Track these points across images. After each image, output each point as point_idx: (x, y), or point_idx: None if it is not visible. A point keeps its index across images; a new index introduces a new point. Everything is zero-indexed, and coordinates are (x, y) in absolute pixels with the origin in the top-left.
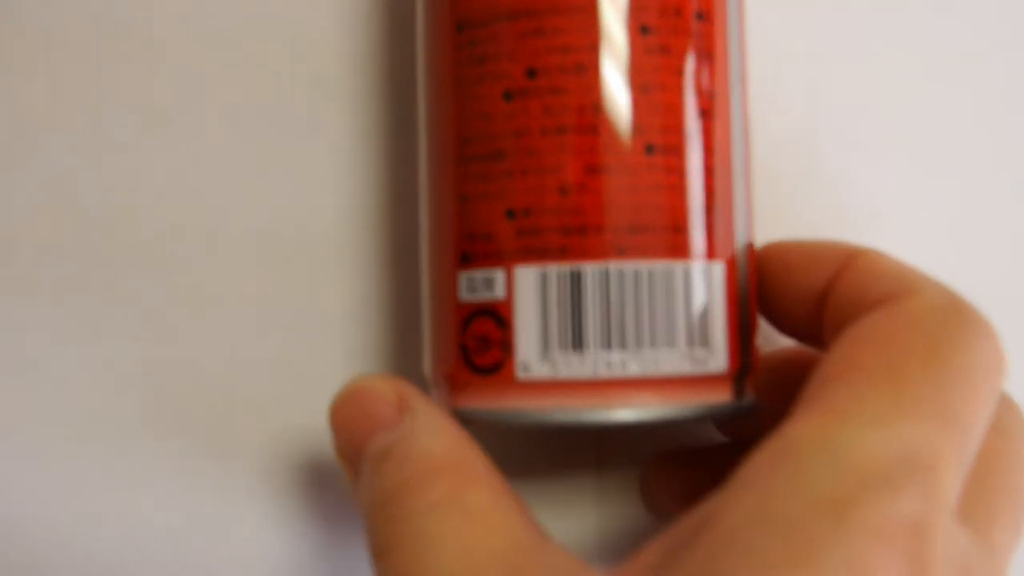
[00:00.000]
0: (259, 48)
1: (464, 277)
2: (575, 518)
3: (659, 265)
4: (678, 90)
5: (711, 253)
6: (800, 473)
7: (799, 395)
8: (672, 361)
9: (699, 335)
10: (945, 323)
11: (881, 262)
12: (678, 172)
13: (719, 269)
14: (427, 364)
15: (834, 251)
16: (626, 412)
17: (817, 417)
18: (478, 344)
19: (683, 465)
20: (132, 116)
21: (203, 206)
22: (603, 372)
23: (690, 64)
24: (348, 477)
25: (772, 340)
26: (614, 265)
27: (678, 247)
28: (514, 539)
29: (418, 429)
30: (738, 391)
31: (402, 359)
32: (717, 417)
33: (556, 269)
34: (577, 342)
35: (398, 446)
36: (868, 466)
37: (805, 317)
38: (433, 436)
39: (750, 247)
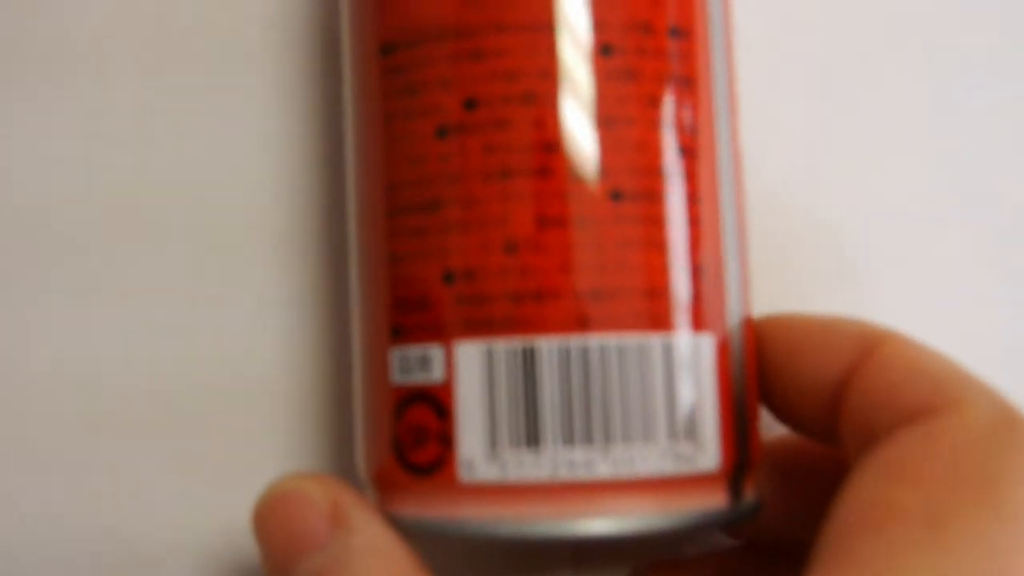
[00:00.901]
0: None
1: (396, 355)
2: None
3: (631, 339)
4: (650, 124)
5: (698, 323)
6: None
7: (816, 542)
8: (651, 459)
9: (684, 426)
10: (999, 450)
11: (910, 355)
12: (653, 223)
13: (708, 343)
14: (359, 459)
15: (851, 334)
16: (594, 523)
17: None
18: (413, 437)
19: (681, 574)
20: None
21: None
22: (564, 474)
23: (665, 92)
24: None
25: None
26: (576, 340)
27: (655, 316)
28: None
29: (352, 552)
30: (735, 492)
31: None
32: (709, 526)
33: (504, 345)
34: (532, 436)
35: (326, 575)
36: None
37: (815, 412)
38: (372, 564)
39: (746, 320)
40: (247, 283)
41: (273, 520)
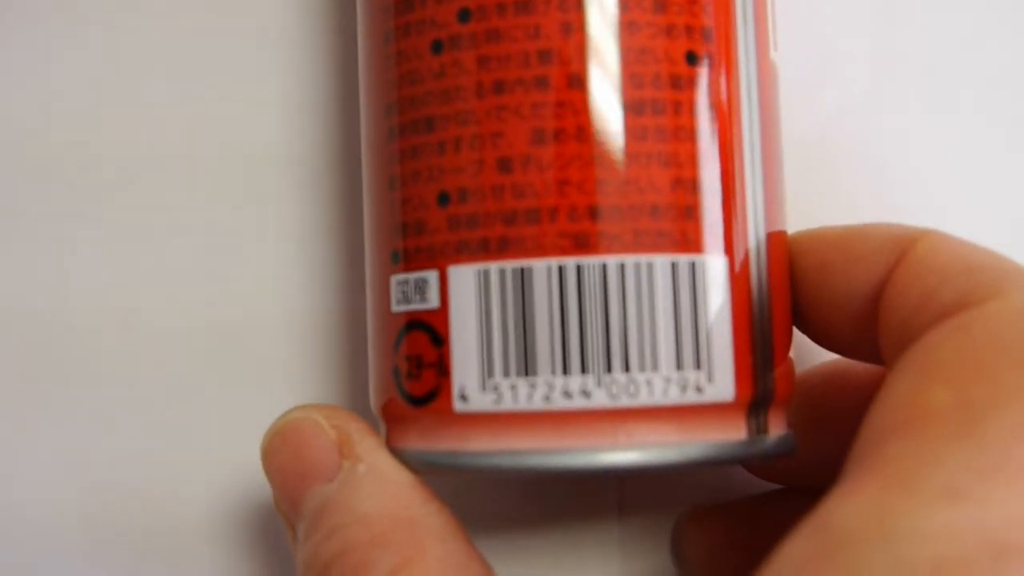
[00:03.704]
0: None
1: (396, 282)
2: (595, 569)
3: (630, 260)
4: (655, 30)
5: (705, 244)
6: (849, 574)
7: (850, 449)
8: (655, 389)
9: (690, 354)
10: None
11: (947, 248)
12: (654, 136)
13: (718, 265)
14: (370, 393)
15: (885, 237)
16: (590, 456)
17: (872, 490)
18: (411, 366)
19: (723, 520)
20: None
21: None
22: (560, 403)
23: None
24: (287, 535)
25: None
26: (571, 261)
27: (657, 236)
28: None
29: (358, 484)
30: (756, 426)
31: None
32: (725, 460)
33: (497, 267)
34: (526, 364)
35: (333, 507)
36: (945, 561)
37: (853, 327)
38: (375, 493)
39: (773, 238)
40: (265, 218)
41: (282, 451)
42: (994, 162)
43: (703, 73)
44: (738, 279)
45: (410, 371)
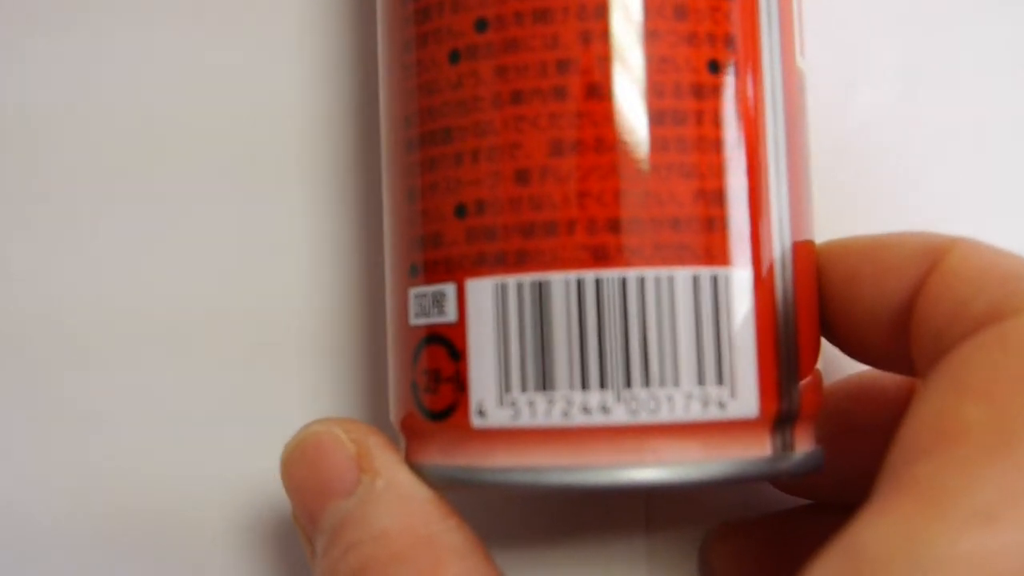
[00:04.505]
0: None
1: (414, 295)
2: None
3: (650, 273)
4: (677, 38)
5: (728, 256)
6: None
7: (880, 466)
8: (675, 404)
9: (713, 369)
10: None
11: (981, 256)
12: (675, 146)
13: (741, 278)
14: (390, 408)
15: (916, 246)
16: (610, 474)
17: (902, 512)
18: (429, 381)
19: (751, 537)
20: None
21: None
22: (578, 419)
23: (695, 1)
24: (305, 550)
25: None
26: (590, 274)
27: (679, 249)
28: None
29: (376, 499)
30: (782, 442)
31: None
32: (749, 478)
33: (515, 281)
34: (544, 379)
35: (351, 523)
36: None
37: (884, 339)
38: (393, 509)
39: (800, 249)
40: (286, 229)
41: (301, 464)
42: None
43: (726, 82)
44: (762, 291)
45: (428, 385)
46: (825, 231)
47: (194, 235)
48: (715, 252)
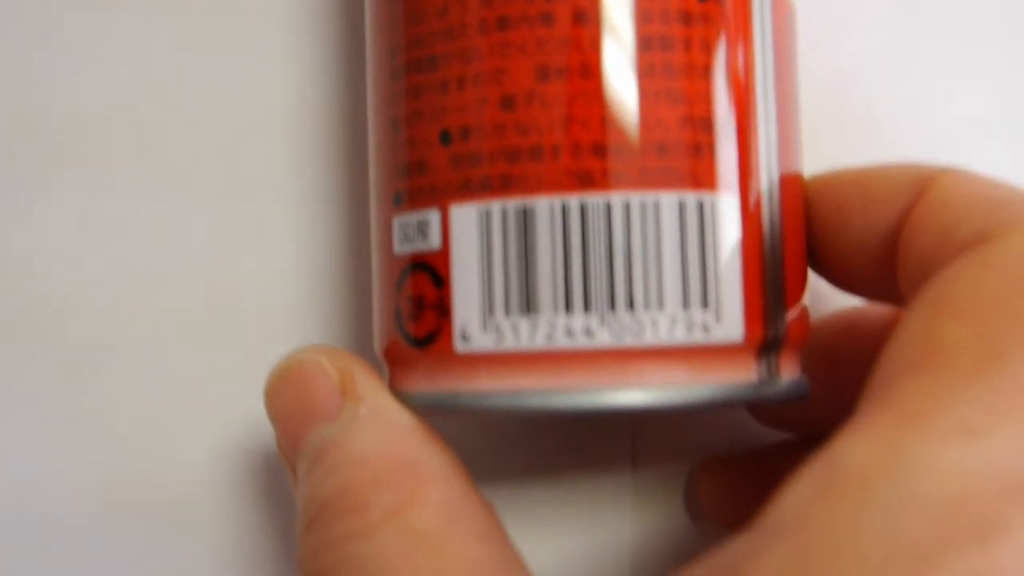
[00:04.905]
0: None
1: (398, 223)
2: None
3: (636, 197)
4: None
5: (714, 181)
6: (858, 513)
7: (862, 389)
8: (659, 328)
9: (698, 292)
10: None
11: (968, 184)
12: (662, 72)
13: (727, 204)
14: (375, 336)
15: (904, 176)
16: (593, 396)
17: (883, 426)
18: (412, 308)
19: (736, 470)
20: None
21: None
22: (562, 342)
23: None
24: (289, 477)
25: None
26: (575, 198)
27: (664, 173)
28: (468, 573)
29: (359, 423)
30: (767, 368)
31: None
32: (736, 403)
33: (499, 205)
34: (528, 303)
35: (333, 448)
36: (956, 498)
37: (872, 269)
38: (375, 434)
39: (787, 180)
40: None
41: (285, 391)
42: (1020, 107)
43: (715, 9)
44: (749, 218)
45: (412, 312)
46: (810, 169)
47: (183, 174)
48: (701, 177)
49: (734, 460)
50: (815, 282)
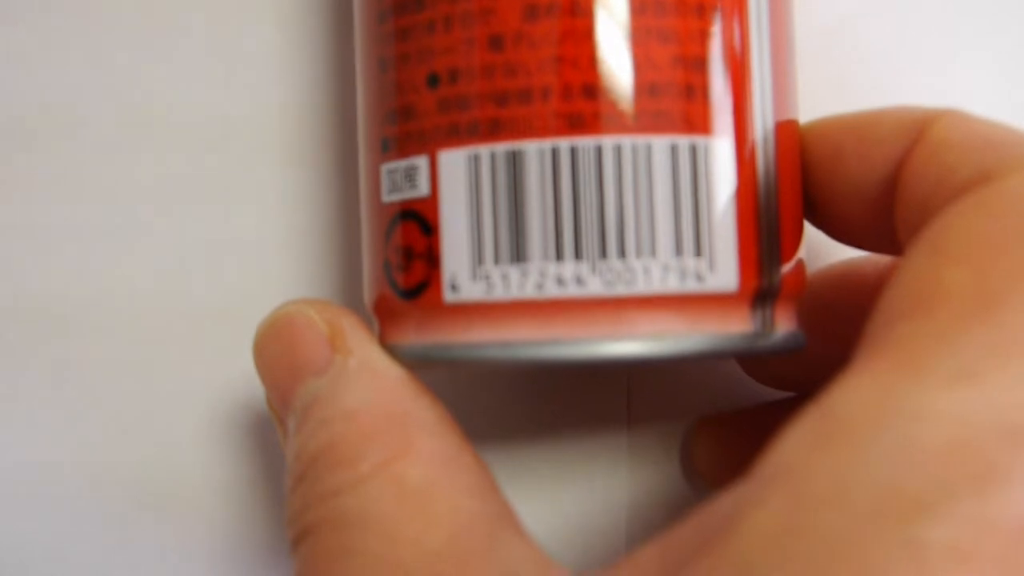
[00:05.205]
0: None
1: (386, 170)
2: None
3: (627, 141)
4: None
5: (707, 126)
6: (854, 461)
7: (860, 336)
8: (651, 276)
9: (691, 240)
10: None
11: (967, 125)
12: (653, 10)
13: (721, 149)
14: (364, 290)
15: (901, 119)
16: (587, 347)
17: (880, 372)
18: (401, 258)
19: (732, 429)
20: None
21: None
22: (552, 291)
23: None
24: (278, 431)
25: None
26: (565, 142)
27: (656, 116)
28: (460, 526)
29: (349, 376)
30: (763, 319)
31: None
32: (731, 353)
33: (488, 151)
34: (517, 251)
35: (322, 401)
36: (954, 444)
37: (869, 216)
38: (365, 387)
39: (783, 127)
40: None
41: (274, 345)
42: (1017, 57)
43: None
44: (743, 165)
45: (400, 263)
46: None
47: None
48: (694, 120)
49: (730, 419)
50: (811, 235)
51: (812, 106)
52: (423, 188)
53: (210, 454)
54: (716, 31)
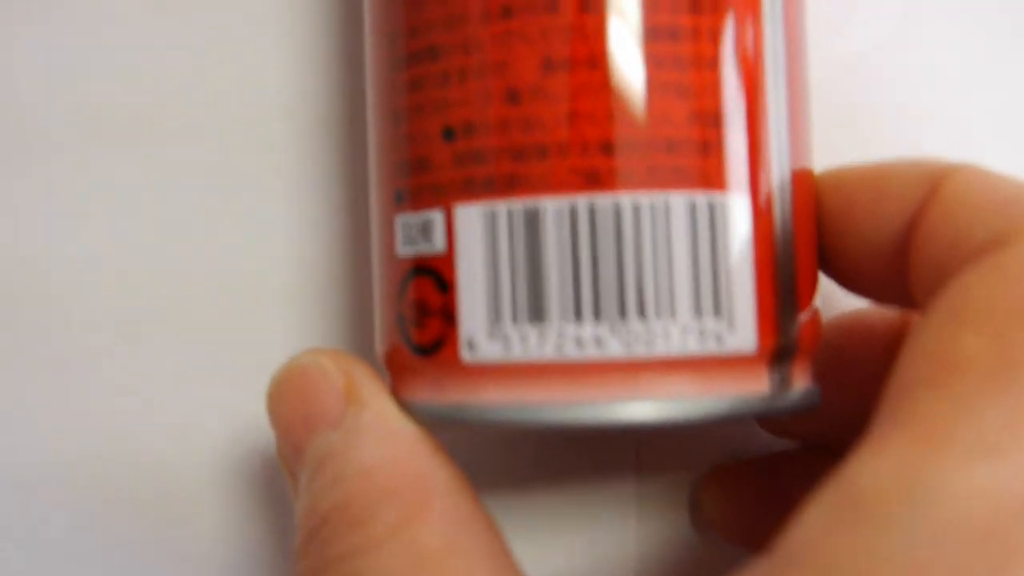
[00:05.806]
0: None
1: (400, 223)
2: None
3: (645, 197)
4: None
5: (726, 181)
6: (875, 542)
7: (877, 402)
8: (672, 337)
9: (710, 300)
10: None
11: (982, 182)
12: (670, 64)
13: (739, 204)
14: (376, 342)
15: (916, 173)
16: (604, 410)
17: (900, 447)
18: (416, 314)
19: (742, 480)
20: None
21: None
22: (571, 353)
23: None
24: (289, 484)
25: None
26: (583, 199)
27: (675, 172)
28: None
29: (362, 433)
30: (780, 379)
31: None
32: (748, 416)
33: (505, 206)
34: (536, 310)
35: (336, 456)
36: (975, 524)
37: (883, 269)
38: (380, 443)
39: (799, 177)
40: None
41: (288, 395)
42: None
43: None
44: (760, 219)
45: (415, 319)
46: (819, 164)
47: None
48: (711, 176)
49: (739, 468)
50: (824, 284)
51: (825, 149)
52: (439, 244)
53: (214, 485)
54: (734, 83)
